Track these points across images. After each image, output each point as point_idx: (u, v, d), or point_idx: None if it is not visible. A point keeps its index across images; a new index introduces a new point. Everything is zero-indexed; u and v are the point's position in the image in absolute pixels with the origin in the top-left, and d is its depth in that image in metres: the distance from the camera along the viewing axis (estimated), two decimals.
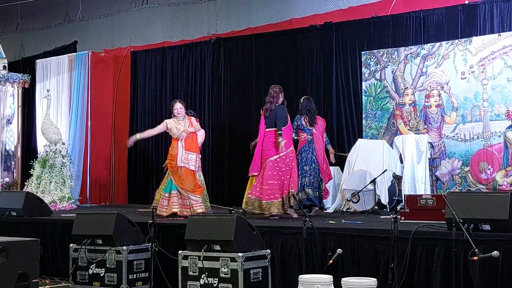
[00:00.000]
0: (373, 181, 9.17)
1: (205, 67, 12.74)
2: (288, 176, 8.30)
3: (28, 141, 14.15)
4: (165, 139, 12.51)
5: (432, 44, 10.28)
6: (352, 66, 11.12)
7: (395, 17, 10.79)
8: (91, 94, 12.91)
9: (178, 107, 8.84)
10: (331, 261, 5.86)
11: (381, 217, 8.43)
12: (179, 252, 6.38)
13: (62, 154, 11.68)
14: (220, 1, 12.82)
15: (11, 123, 13.36)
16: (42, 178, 11.52)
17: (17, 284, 5.61)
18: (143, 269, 6.92)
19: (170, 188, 8.64)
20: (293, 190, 8.22)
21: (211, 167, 12.30)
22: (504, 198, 5.42)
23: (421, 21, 10.52)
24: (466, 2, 10.16)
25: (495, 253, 5.01)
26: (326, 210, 9.93)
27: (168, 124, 8.79)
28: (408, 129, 10.36)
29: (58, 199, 11.21)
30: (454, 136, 9.97)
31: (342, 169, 10.21)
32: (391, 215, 5.86)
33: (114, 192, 13.76)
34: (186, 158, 8.66)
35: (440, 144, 10.06)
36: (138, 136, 9.05)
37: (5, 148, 13.25)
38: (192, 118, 9.09)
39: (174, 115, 8.85)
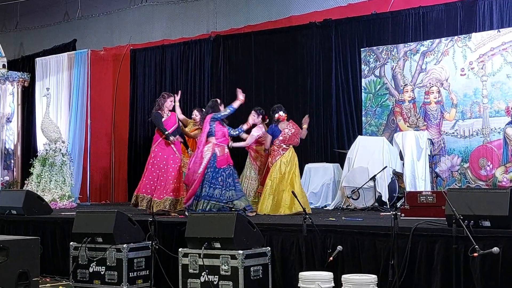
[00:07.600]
0: (373, 178, 9.17)
1: (205, 65, 12.73)
2: None
3: (28, 139, 14.15)
4: None
5: (432, 40, 10.28)
6: (352, 63, 11.12)
7: (394, 14, 10.80)
8: (91, 92, 12.90)
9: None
10: (331, 258, 5.87)
11: (381, 214, 8.42)
12: (180, 249, 6.38)
13: (62, 153, 11.68)
14: None
15: (11, 121, 13.36)
16: (42, 176, 11.52)
17: (17, 283, 5.60)
18: (143, 267, 6.92)
19: None
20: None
21: None
22: (504, 194, 5.42)
23: (420, 18, 10.52)
24: None
25: (495, 249, 5.00)
26: (326, 207, 9.94)
27: None
28: (407, 126, 10.36)
29: (58, 198, 11.21)
30: (453, 133, 9.97)
31: (342, 166, 10.21)
32: (391, 212, 5.85)
33: (114, 190, 13.75)
34: None
35: (440, 140, 10.06)
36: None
37: (5, 147, 13.25)
38: None
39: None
